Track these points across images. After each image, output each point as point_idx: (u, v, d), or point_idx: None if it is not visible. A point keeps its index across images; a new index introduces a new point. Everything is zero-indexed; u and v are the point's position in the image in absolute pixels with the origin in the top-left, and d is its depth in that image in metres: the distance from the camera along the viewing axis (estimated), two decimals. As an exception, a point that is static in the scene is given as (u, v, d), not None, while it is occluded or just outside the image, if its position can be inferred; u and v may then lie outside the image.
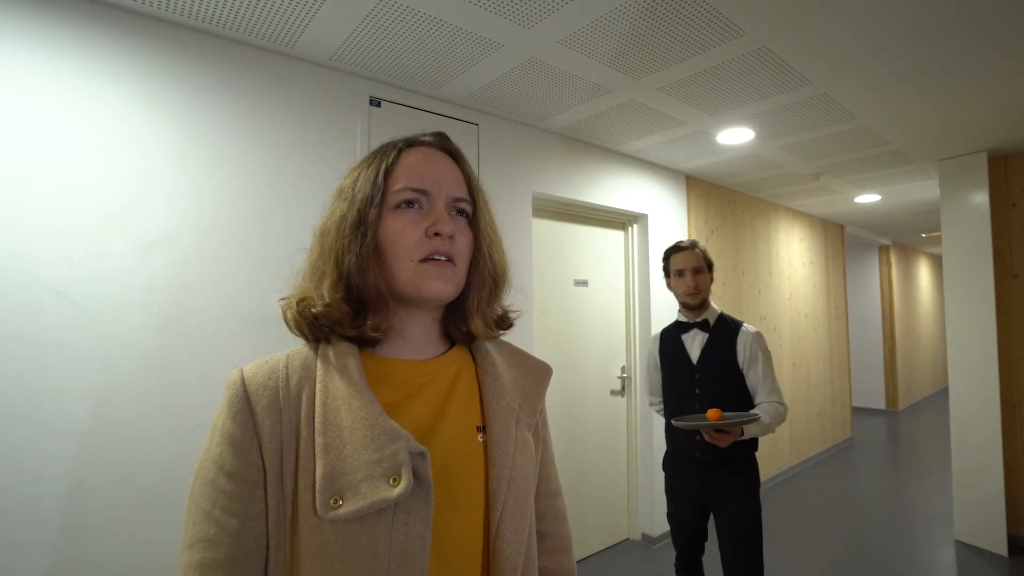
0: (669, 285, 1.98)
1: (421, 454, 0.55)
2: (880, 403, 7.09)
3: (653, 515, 3.17)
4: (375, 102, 2.11)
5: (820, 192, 4.20)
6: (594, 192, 2.98)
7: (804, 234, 5.05)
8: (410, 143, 0.66)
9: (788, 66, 2.03)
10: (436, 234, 0.59)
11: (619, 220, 3.32)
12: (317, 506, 0.51)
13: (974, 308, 3.08)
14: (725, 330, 1.88)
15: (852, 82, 2.18)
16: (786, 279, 4.67)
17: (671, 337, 1.99)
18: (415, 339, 0.64)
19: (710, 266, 1.93)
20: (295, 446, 0.54)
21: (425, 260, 0.59)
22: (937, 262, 9.02)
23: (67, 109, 1.49)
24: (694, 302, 1.89)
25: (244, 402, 0.55)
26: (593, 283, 3.14)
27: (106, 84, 1.55)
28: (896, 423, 6.41)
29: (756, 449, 1.86)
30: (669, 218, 3.46)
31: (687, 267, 1.89)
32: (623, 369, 3.28)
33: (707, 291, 1.91)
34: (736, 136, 2.83)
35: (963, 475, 3.11)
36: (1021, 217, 3.09)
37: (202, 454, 0.56)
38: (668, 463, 2.01)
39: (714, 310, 1.93)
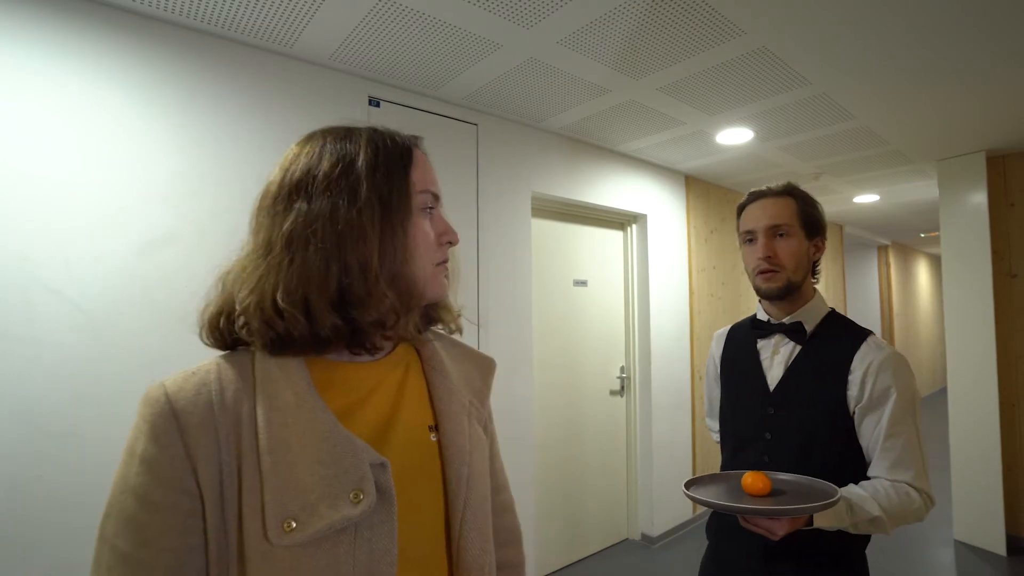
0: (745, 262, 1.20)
1: (382, 465, 0.52)
2: (879, 403, 7.08)
3: (653, 515, 3.17)
4: (374, 102, 2.11)
5: (819, 192, 4.21)
6: (593, 192, 2.98)
7: (803, 234, 5.05)
8: (412, 142, 0.62)
9: (787, 66, 2.03)
10: (448, 242, 0.61)
11: (618, 220, 3.33)
12: (268, 532, 0.46)
13: (973, 308, 3.09)
14: (834, 342, 1.10)
15: (851, 82, 2.18)
16: (785, 279, 4.67)
17: (742, 341, 1.25)
18: (400, 337, 0.62)
19: (814, 227, 1.14)
20: (236, 467, 0.48)
21: (438, 264, 0.60)
22: (936, 262, 9.03)
23: (67, 109, 1.48)
24: (767, 287, 1.13)
25: (171, 421, 0.48)
26: (592, 283, 3.14)
27: (105, 84, 1.55)
28: (895, 423, 6.40)
29: (867, 544, 1.08)
30: (668, 218, 3.46)
31: (760, 226, 1.13)
32: (622, 369, 3.28)
33: (799, 270, 1.12)
34: (735, 136, 2.83)
35: (962, 475, 3.11)
36: (1020, 217, 3.09)
37: (115, 486, 0.48)
38: (713, 528, 1.24)
39: (819, 307, 1.15)
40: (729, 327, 1.34)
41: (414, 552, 0.54)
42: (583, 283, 3.08)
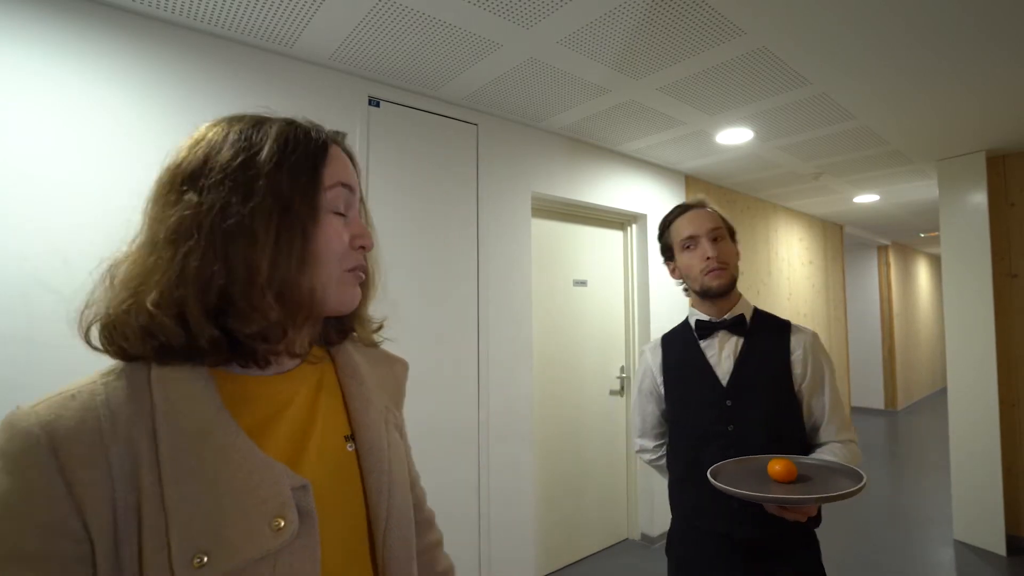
0: (673, 272, 1.32)
1: (303, 487, 0.48)
2: (879, 403, 7.09)
3: (652, 515, 3.17)
4: (374, 102, 2.11)
5: (819, 192, 4.21)
6: (593, 192, 2.98)
7: (803, 234, 5.06)
8: (331, 137, 0.57)
9: (787, 66, 2.03)
10: (361, 247, 0.56)
11: (618, 220, 3.33)
12: (175, 569, 0.41)
13: (973, 308, 3.09)
14: (770, 330, 1.22)
15: (851, 82, 2.18)
16: (785, 279, 4.68)
17: (683, 345, 1.29)
18: (288, 352, 0.55)
19: (733, 233, 1.29)
20: (135, 502, 0.42)
21: (349, 270, 0.55)
22: (936, 262, 9.03)
23: (67, 109, 1.48)
24: (718, 284, 1.20)
25: (46, 456, 0.40)
26: (592, 283, 3.14)
27: (105, 84, 1.55)
28: (895, 423, 6.41)
29: (819, 524, 1.13)
30: (668, 218, 3.46)
31: (701, 231, 1.23)
32: (622, 369, 3.28)
33: (736, 268, 1.25)
34: (735, 136, 2.83)
35: (962, 475, 3.11)
36: (1020, 217, 3.09)
37: None
38: (676, 542, 1.28)
39: (747, 303, 1.27)
40: (659, 337, 1.39)
41: (335, 567, 0.51)
42: (583, 283, 3.08)
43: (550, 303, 2.89)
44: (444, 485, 2.22)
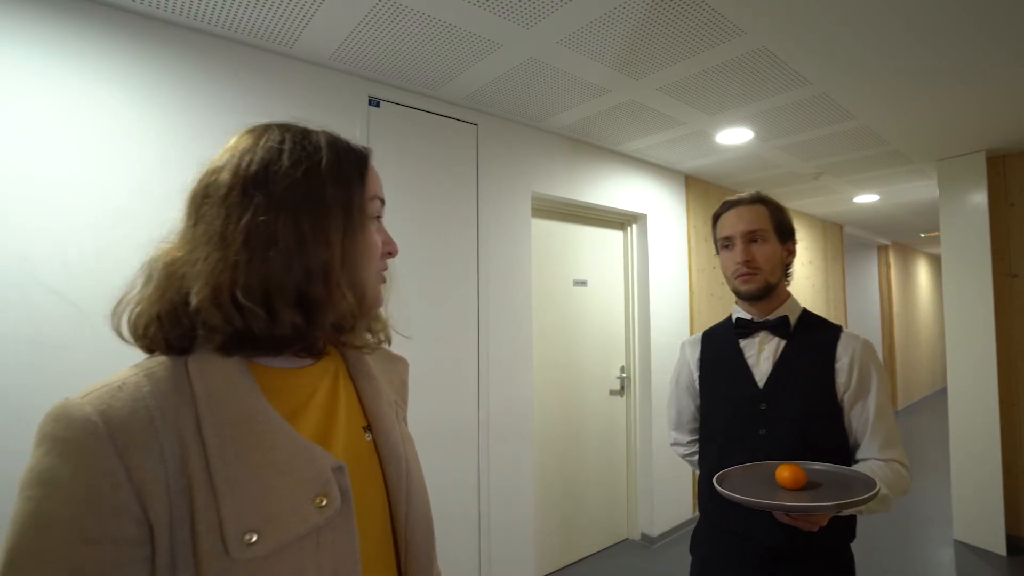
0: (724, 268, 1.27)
1: (340, 468, 0.52)
2: (879, 403, 7.08)
3: (653, 515, 3.17)
4: (374, 102, 2.11)
5: (819, 192, 4.21)
6: (593, 192, 2.98)
7: (803, 234, 5.06)
8: (367, 151, 0.63)
9: (787, 66, 2.03)
10: (389, 253, 0.63)
11: (618, 220, 3.33)
12: (228, 547, 0.44)
13: (973, 308, 3.09)
14: (816, 335, 1.17)
15: (851, 82, 2.18)
16: (785, 279, 4.68)
17: (722, 343, 1.27)
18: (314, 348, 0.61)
19: (785, 231, 1.22)
20: (185, 485, 0.45)
21: (381, 273, 0.62)
22: (936, 262, 9.03)
23: (67, 109, 1.48)
24: (746, 289, 1.19)
25: (105, 442, 0.43)
26: (592, 283, 3.14)
27: (105, 84, 1.55)
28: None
29: (854, 538, 1.13)
30: (668, 218, 3.46)
31: (736, 232, 1.19)
32: (622, 369, 3.28)
33: (775, 272, 1.19)
34: (735, 136, 2.83)
35: (962, 474, 3.11)
36: (1019, 217, 3.09)
37: (26, 524, 0.41)
38: (700, 541, 1.27)
39: (795, 305, 1.23)
40: (701, 333, 1.36)
41: (366, 547, 0.55)
42: (583, 283, 3.08)
43: (550, 303, 2.89)
44: (444, 485, 2.22)
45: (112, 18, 1.57)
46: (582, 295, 3.07)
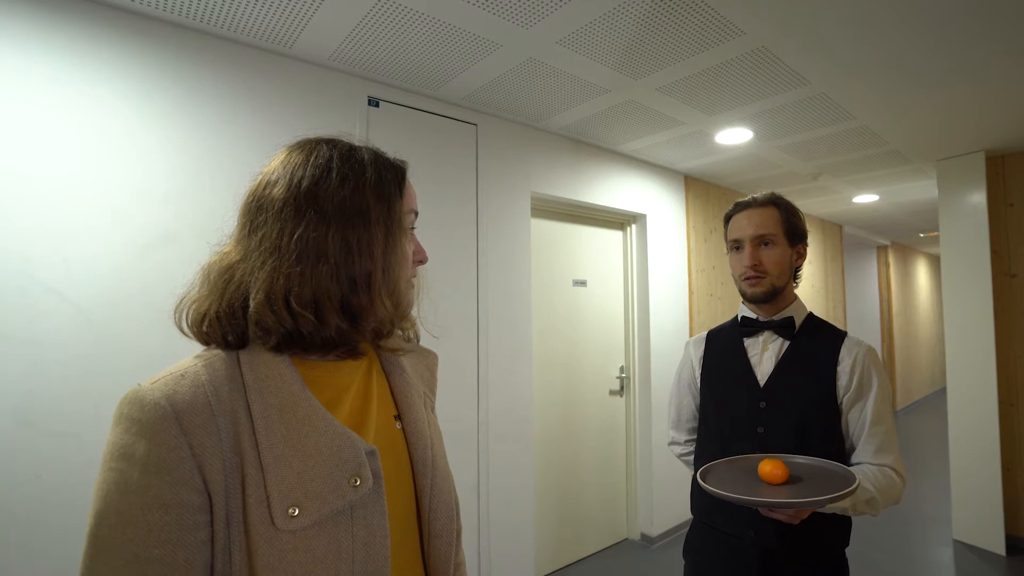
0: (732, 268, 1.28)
1: (372, 452, 0.58)
2: (878, 403, 7.08)
3: (652, 515, 3.17)
4: (373, 102, 2.11)
5: (818, 192, 4.21)
6: (593, 192, 2.98)
7: (803, 234, 5.05)
8: (405, 165, 0.68)
9: (786, 66, 2.03)
10: (420, 261, 0.69)
11: (618, 220, 3.33)
12: (274, 519, 0.51)
13: (972, 308, 3.09)
14: (820, 338, 1.18)
15: (850, 82, 2.18)
16: (785, 279, 4.68)
17: (727, 341, 1.29)
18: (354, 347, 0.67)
19: (796, 235, 1.22)
20: (238, 462, 0.52)
21: (411, 279, 0.68)
22: (935, 262, 9.03)
23: (66, 109, 1.48)
24: (752, 292, 1.20)
25: (173, 424, 0.50)
26: (592, 283, 3.14)
27: (104, 84, 1.55)
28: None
29: (848, 544, 1.15)
30: (668, 218, 3.46)
31: (746, 235, 1.20)
32: (622, 369, 3.28)
33: (783, 276, 1.19)
34: (735, 136, 2.84)
35: (961, 474, 3.12)
36: (1019, 217, 3.09)
37: (110, 490, 0.49)
38: (693, 543, 1.27)
39: (801, 308, 1.23)
40: (706, 332, 1.37)
41: (393, 527, 0.60)
42: (583, 283, 3.09)
43: (550, 303, 2.89)
44: (444, 485, 2.22)
45: (112, 18, 1.57)
46: (582, 295, 3.07)
